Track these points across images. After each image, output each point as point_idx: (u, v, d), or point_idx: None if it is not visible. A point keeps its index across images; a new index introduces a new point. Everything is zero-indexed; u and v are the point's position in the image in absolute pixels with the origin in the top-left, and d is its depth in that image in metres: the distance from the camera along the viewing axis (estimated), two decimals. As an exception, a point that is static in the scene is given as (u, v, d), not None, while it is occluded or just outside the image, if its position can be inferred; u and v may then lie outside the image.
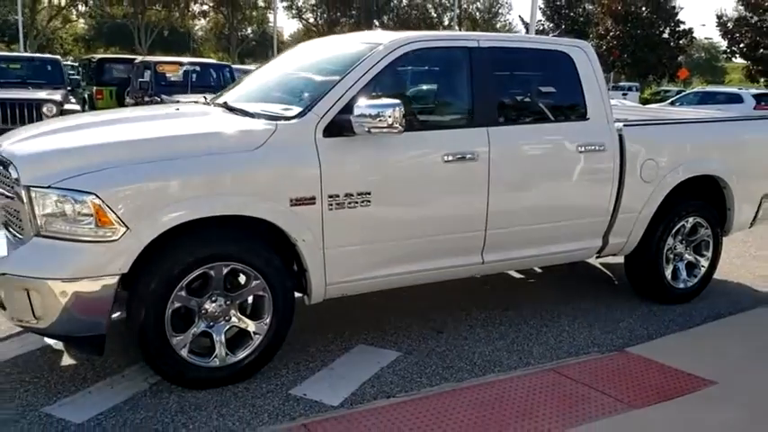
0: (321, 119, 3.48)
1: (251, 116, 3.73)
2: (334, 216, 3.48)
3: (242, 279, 3.44)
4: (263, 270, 3.37)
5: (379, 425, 3.03)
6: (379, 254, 3.71)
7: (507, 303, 4.85)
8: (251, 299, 3.46)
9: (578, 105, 4.38)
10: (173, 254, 3.17)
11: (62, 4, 47.10)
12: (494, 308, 4.73)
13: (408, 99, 4.03)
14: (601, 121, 4.38)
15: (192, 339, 3.32)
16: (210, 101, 4.52)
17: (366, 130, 3.41)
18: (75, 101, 11.85)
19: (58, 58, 13.12)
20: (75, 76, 13.12)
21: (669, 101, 23.56)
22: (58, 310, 3.02)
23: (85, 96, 16.71)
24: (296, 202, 3.38)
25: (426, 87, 4.46)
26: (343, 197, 3.50)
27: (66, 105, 10.29)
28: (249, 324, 3.44)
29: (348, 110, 3.48)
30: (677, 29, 37.78)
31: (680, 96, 23.89)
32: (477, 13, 60.23)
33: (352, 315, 4.43)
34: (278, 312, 3.45)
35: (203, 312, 3.33)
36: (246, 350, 3.44)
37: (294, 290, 3.57)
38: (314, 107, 3.53)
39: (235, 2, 51.78)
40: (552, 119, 4.42)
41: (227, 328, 3.39)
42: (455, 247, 3.98)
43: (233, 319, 3.41)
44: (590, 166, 4.33)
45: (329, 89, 3.59)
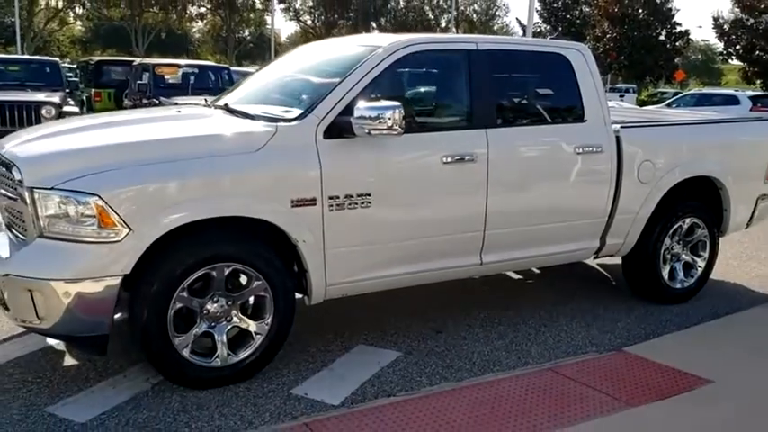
0: (321, 121, 3.51)
1: (252, 118, 3.75)
2: (334, 217, 3.51)
3: (243, 280, 3.46)
4: (264, 271, 3.40)
5: (380, 424, 3.06)
6: (378, 254, 3.74)
7: (506, 304, 4.88)
8: (252, 299, 3.49)
9: (576, 107, 4.42)
10: (175, 255, 3.20)
11: (59, 6, 47.12)
12: (493, 308, 4.77)
13: (408, 101, 4.06)
14: (598, 122, 4.42)
15: (194, 339, 3.35)
16: (211, 103, 4.55)
17: (366, 131, 3.44)
18: (74, 103, 11.87)
19: (56, 60, 13.13)
20: (74, 79, 13.12)
21: (666, 103, 23.61)
22: (61, 310, 3.04)
23: (83, 98, 16.73)
24: (297, 203, 3.41)
25: (425, 89, 4.49)
26: (344, 198, 3.52)
27: (65, 108, 10.29)
28: (250, 324, 3.46)
29: (348, 112, 3.50)
30: (674, 31, 37.89)
31: (677, 98, 23.97)
32: (475, 16, 60.33)
33: (352, 315, 4.46)
34: (279, 313, 3.48)
35: (205, 313, 3.35)
36: (248, 350, 3.46)
37: (295, 290, 3.60)
38: (314, 109, 3.55)
39: (232, 4, 51.80)
40: (550, 121, 4.45)
41: (228, 328, 3.42)
42: (454, 247, 4.01)
43: (234, 320, 3.43)
44: (587, 167, 4.37)
45: (329, 91, 3.62)
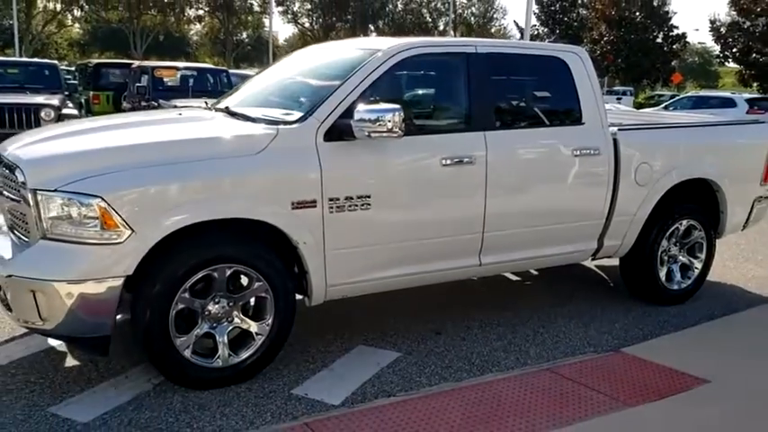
0: (322, 123, 3.54)
1: (252, 121, 3.78)
2: (334, 219, 3.54)
3: (244, 281, 3.48)
4: (265, 272, 3.42)
5: (380, 423, 3.09)
6: (378, 256, 3.77)
7: (504, 305, 4.91)
8: (253, 300, 3.51)
9: (573, 110, 4.45)
10: (177, 256, 3.22)
11: (57, 8, 47.12)
12: (491, 309, 4.80)
13: (407, 104, 4.08)
14: (596, 125, 4.46)
15: (196, 340, 3.37)
16: (212, 106, 4.57)
17: (366, 134, 3.47)
18: (72, 106, 11.88)
19: (55, 62, 13.15)
20: (72, 81, 13.12)
21: (663, 105, 23.70)
22: (64, 311, 3.06)
23: (82, 101, 16.74)
24: (297, 205, 3.44)
25: (424, 92, 4.53)
26: (344, 200, 3.55)
27: (64, 110, 10.33)
28: (251, 325, 3.49)
29: (348, 114, 3.53)
30: (671, 34, 38.05)
31: (674, 101, 24.03)
32: (472, 18, 60.37)
33: (352, 316, 4.48)
34: (280, 313, 3.50)
35: (206, 314, 3.38)
36: (249, 351, 3.49)
37: (295, 291, 3.62)
38: (315, 112, 3.58)
39: (230, 6, 51.85)
40: (548, 123, 4.48)
41: (229, 329, 3.44)
42: (453, 249, 4.03)
43: (235, 320, 3.46)
44: (585, 169, 4.40)
45: (330, 94, 3.64)
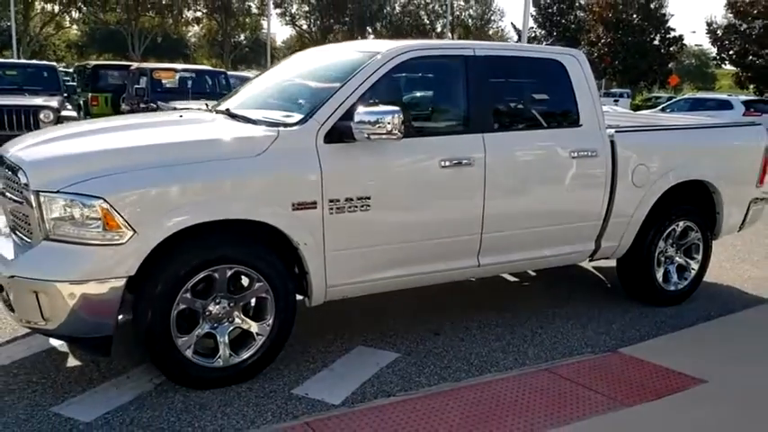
0: (322, 125, 3.57)
1: (253, 123, 3.82)
2: (334, 220, 3.57)
3: (245, 281, 3.51)
4: (265, 273, 3.45)
5: (380, 423, 3.12)
6: (378, 257, 3.79)
7: (503, 306, 4.94)
8: (254, 301, 3.54)
9: (571, 112, 4.49)
10: (178, 257, 3.25)
11: (55, 10, 47.10)
12: (490, 310, 4.83)
13: (406, 106, 4.11)
14: (593, 127, 4.49)
15: (197, 340, 3.40)
16: (212, 108, 4.60)
17: (366, 136, 3.50)
18: (71, 107, 11.91)
19: (54, 64, 13.17)
20: (71, 83, 13.14)
21: (660, 107, 23.76)
22: (67, 311, 3.09)
23: (80, 103, 16.74)
24: (298, 206, 3.47)
25: (423, 95, 4.56)
26: (344, 202, 3.58)
27: (63, 112, 10.34)
28: (252, 325, 3.52)
29: (348, 117, 3.56)
30: (667, 36, 38.09)
31: (671, 103, 24.08)
32: (470, 20, 60.51)
33: (352, 317, 4.51)
34: (280, 314, 3.53)
35: (207, 314, 3.41)
36: (249, 351, 3.52)
37: (295, 292, 3.65)
38: (315, 114, 3.61)
39: (228, 8, 51.89)
40: (546, 125, 4.51)
41: (230, 329, 3.47)
42: (452, 250, 4.07)
43: (236, 321, 3.48)
44: (583, 171, 4.44)
45: (330, 96, 3.68)
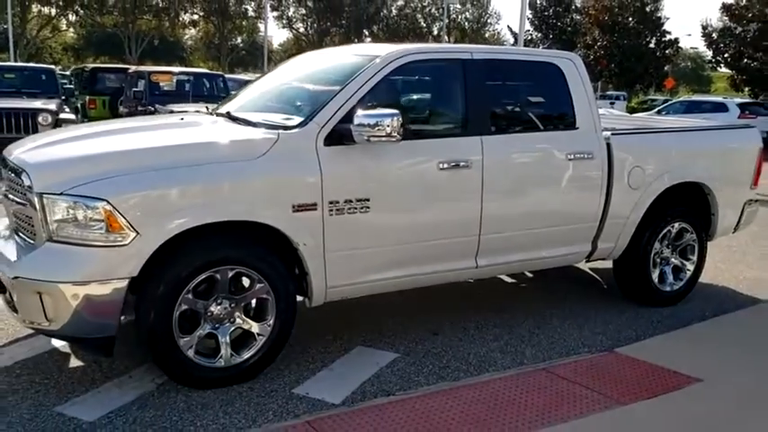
0: (322, 128, 3.62)
1: (253, 126, 3.86)
2: (334, 221, 3.61)
3: (246, 282, 3.55)
4: (266, 274, 3.49)
5: (380, 422, 3.15)
6: (377, 258, 3.84)
7: (500, 306, 4.99)
8: (255, 301, 3.58)
9: (567, 115, 4.54)
10: (181, 258, 3.29)
11: (52, 13, 47.08)
12: (487, 311, 4.87)
13: (405, 109, 4.14)
14: (589, 129, 4.54)
15: (198, 341, 3.44)
16: (213, 110, 4.64)
17: (365, 138, 3.54)
18: (69, 110, 11.93)
19: (52, 67, 13.21)
20: (69, 86, 13.16)
21: (656, 110, 23.88)
22: (70, 312, 3.12)
23: (78, 106, 16.77)
24: (298, 208, 3.51)
25: (422, 98, 4.60)
26: (343, 203, 3.62)
27: (61, 115, 10.37)
28: (253, 326, 3.55)
29: (348, 119, 3.61)
30: (663, 39, 38.18)
31: (666, 105, 24.23)
32: (466, 23, 60.53)
33: (351, 318, 4.55)
34: (281, 314, 3.57)
35: (209, 314, 3.44)
36: (250, 351, 3.55)
37: (296, 293, 3.69)
38: (315, 117, 3.66)
39: (225, 11, 51.90)
40: (542, 128, 4.56)
41: (231, 329, 3.51)
42: (450, 251, 4.11)
43: (237, 321, 3.52)
44: (579, 173, 4.49)
45: (329, 99, 3.72)
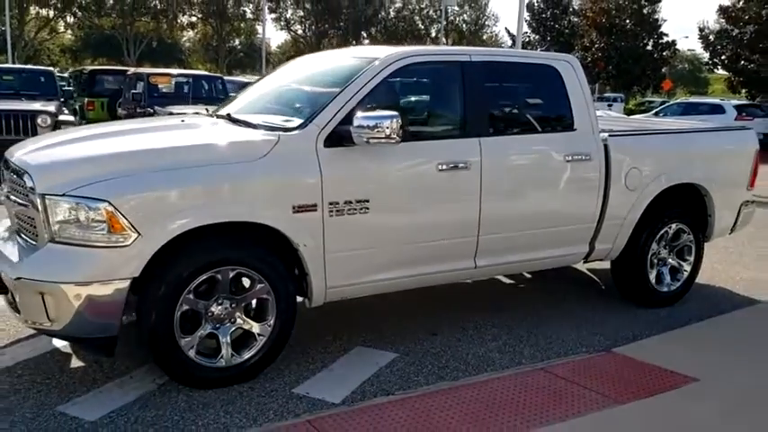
0: (322, 130, 3.64)
1: (254, 127, 3.88)
2: (334, 222, 3.64)
3: (246, 283, 3.57)
4: (267, 274, 3.52)
5: (380, 421, 3.18)
6: (376, 259, 3.86)
7: (499, 307, 5.02)
8: (255, 302, 3.60)
9: (565, 117, 4.57)
10: (182, 258, 3.31)
11: (50, 15, 47.10)
12: (486, 311, 4.90)
13: (404, 111, 4.16)
14: (587, 131, 4.58)
15: (199, 341, 3.46)
16: (213, 112, 4.67)
17: (365, 140, 3.57)
18: (68, 112, 11.94)
19: (51, 69, 13.25)
20: (68, 88, 13.19)
21: (653, 112, 23.94)
22: (72, 312, 3.15)
23: (76, 107, 16.78)
24: (298, 209, 3.54)
25: (421, 100, 4.64)
26: (343, 204, 3.65)
27: (60, 116, 10.39)
28: (254, 326, 3.58)
29: (347, 121, 3.64)
30: (660, 41, 38.29)
31: (664, 107, 24.31)
32: (464, 25, 60.63)
33: (351, 318, 4.58)
34: (281, 315, 3.60)
35: (210, 315, 3.47)
36: (251, 351, 3.58)
37: (296, 293, 3.72)
38: (315, 119, 3.69)
39: (223, 13, 51.97)
40: (540, 130, 4.60)
41: (232, 329, 3.53)
42: (449, 252, 4.14)
43: (238, 321, 3.55)
44: (577, 174, 4.52)
45: (329, 101, 3.75)
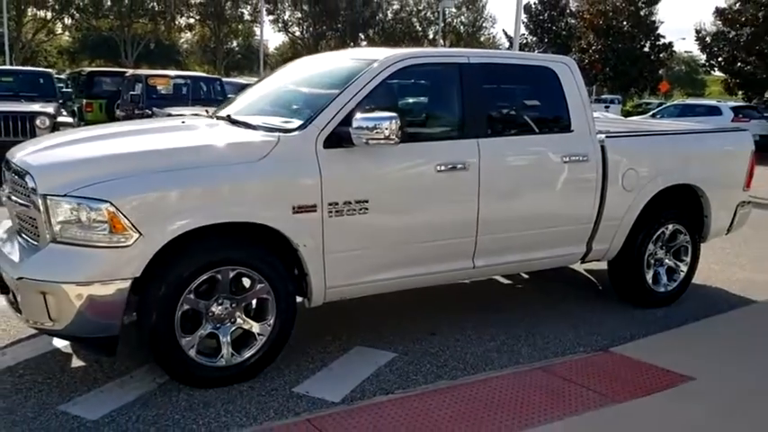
0: (321, 131, 3.67)
1: (254, 129, 3.91)
2: (333, 223, 3.66)
3: (246, 283, 3.60)
4: (267, 274, 3.55)
5: (379, 419, 3.21)
6: (375, 259, 3.89)
7: (497, 307, 5.05)
8: (255, 302, 3.63)
9: (563, 118, 4.61)
10: (183, 259, 3.34)
11: (48, 16, 47.08)
12: (484, 311, 4.93)
13: (403, 112, 4.19)
14: (584, 132, 4.61)
15: (200, 340, 3.48)
16: (213, 114, 4.70)
17: (364, 141, 3.60)
18: (66, 113, 11.95)
19: (50, 71, 13.25)
20: (67, 89, 13.20)
21: (650, 113, 24.01)
22: (73, 312, 3.17)
23: (74, 109, 16.78)
24: (298, 209, 3.56)
25: (420, 101, 4.67)
26: (343, 205, 3.68)
27: (59, 118, 10.39)
28: (254, 325, 3.60)
29: (347, 122, 3.67)
30: (657, 43, 38.38)
31: (661, 109, 24.37)
32: (462, 27, 60.69)
33: (350, 318, 4.61)
34: (281, 314, 3.62)
35: (210, 314, 3.49)
36: (251, 350, 3.60)
37: (295, 293, 3.74)
38: (314, 120, 3.71)
39: (221, 15, 52.00)
40: (538, 131, 4.64)
41: (232, 329, 3.56)
42: (447, 252, 4.16)
43: (238, 321, 3.57)
44: (574, 175, 4.55)
45: (329, 103, 3.77)
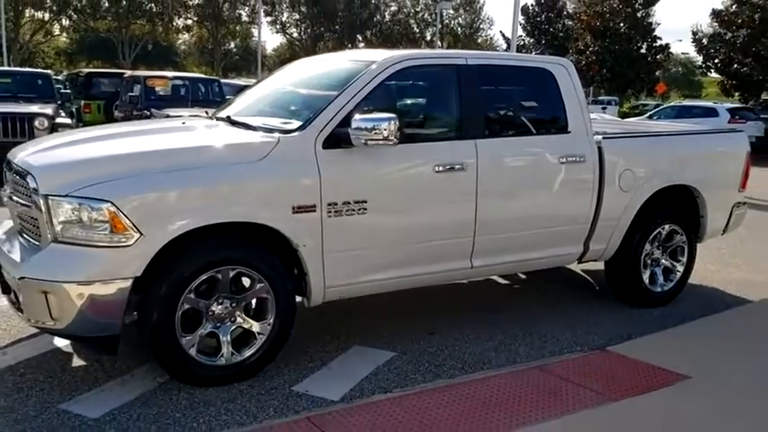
0: (320, 132, 3.70)
1: (254, 130, 3.94)
2: (332, 223, 3.69)
3: (246, 282, 3.63)
4: (266, 274, 3.57)
5: (378, 417, 3.24)
6: (374, 259, 3.92)
7: (495, 307, 5.08)
8: (255, 301, 3.65)
9: (560, 119, 4.65)
10: (183, 258, 3.36)
11: (45, 18, 47.08)
12: (482, 311, 4.96)
13: (401, 113, 4.22)
14: (581, 133, 4.65)
15: (200, 339, 3.51)
16: (213, 115, 4.73)
17: (363, 142, 3.63)
18: (65, 114, 11.95)
19: (48, 72, 13.25)
20: (65, 90, 13.20)
21: (647, 114, 24.08)
22: (75, 311, 3.19)
23: (73, 110, 16.78)
24: (297, 209, 3.59)
25: (418, 102, 4.71)
26: (342, 205, 3.71)
27: (58, 119, 10.41)
28: (253, 325, 3.63)
29: (346, 123, 3.69)
30: (654, 44, 38.49)
31: (658, 110, 24.43)
32: (459, 29, 60.76)
33: (349, 317, 4.64)
34: (281, 314, 3.65)
35: (210, 314, 3.52)
36: (251, 349, 3.63)
37: (295, 293, 3.77)
38: (314, 121, 3.74)
39: (219, 16, 52.01)
40: (535, 132, 4.67)
41: (232, 328, 3.59)
42: (445, 252, 4.20)
43: (238, 320, 3.60)
44: (571, 176, 4.59)
45: (328, 104, 3.80)
